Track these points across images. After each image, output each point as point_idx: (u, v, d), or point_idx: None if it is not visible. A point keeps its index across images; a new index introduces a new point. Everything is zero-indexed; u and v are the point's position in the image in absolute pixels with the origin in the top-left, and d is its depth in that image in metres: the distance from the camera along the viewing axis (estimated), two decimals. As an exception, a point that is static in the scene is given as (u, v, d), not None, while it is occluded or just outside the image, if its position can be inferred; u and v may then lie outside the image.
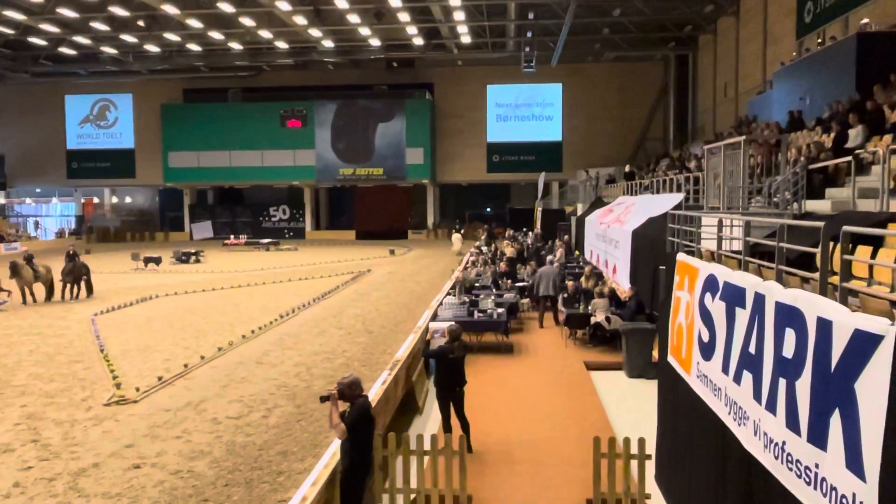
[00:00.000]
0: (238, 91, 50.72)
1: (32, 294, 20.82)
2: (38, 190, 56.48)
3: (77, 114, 52.87)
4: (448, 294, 16.13)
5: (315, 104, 48.65)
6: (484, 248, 29.13)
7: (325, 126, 48.71)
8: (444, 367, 8.79)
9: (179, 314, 18.79)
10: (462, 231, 45.68)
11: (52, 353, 14.23)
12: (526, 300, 17.66)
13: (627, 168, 30.47)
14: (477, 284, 18.31)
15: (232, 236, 45.76)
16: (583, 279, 16.74)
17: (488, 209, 54.12)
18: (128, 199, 56.64)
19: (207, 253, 36.68)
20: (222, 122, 49.08)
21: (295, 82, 50.11)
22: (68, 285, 21.15)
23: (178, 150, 49.58)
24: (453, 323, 9.60)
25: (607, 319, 13.40)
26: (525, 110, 49.57)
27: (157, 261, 31.16)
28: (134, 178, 52.72)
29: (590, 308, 13.99)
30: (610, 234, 18.86)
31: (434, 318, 13.79)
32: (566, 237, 28.16)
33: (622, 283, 16.43)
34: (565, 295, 15.64)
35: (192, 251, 34.64)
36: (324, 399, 6.05)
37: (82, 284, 21.53)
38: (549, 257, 24.47)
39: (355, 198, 54.41)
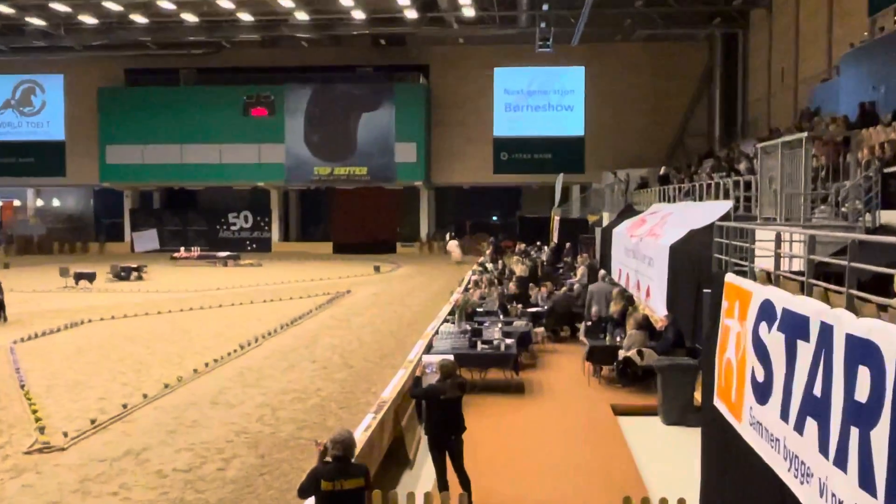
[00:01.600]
0: (192, 72, 50.93)
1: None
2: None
3: (-5, 98, 53.04)
4: (445, 321, 16.14)
5: (285, 89, 48.90)
6: (489, 266, 29.19)
7: (298, 115, 48.92)
8: (435, 409, 8.79)
9: (117, 343, 18.74)
10: (457, 238, 46.00)
11: (-39, 389, 14.19)
12: (540, 329, 17.67)
13: (663, 170, 30.58)
14: (480, 309, 18.31)
15: (182, 248, 45.69)
16: (612, 304, 16.75)
17: (494, 218, 54.24)
18: (56, 202, 56.68)
19: (152, 268, 36.71)
20: (172, 110, 49.26)
21: (261, 63, 50.35)
22: None
23: (117, 144, 49.69)
24: (447, 357, 9.60)
25: (639, 353, 13.40)
26: (540, 99, 49.83)
27: (91, 277, 31.12)
28: (64, 177, 52.81)
29: (623, 341, 13.99)
30: (642, 250, 18.89)
31: (428, 349, 13.79)
32: (584, 255, 28.21)
33: (657, 309, 16.43)
34: (588, 323, 15.65)
35: (134, 266, 34.65)
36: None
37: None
38: (571, 281, 24.50)
39: (333, 203, 54.48)
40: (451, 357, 10.72)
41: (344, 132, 48.69)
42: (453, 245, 44.55)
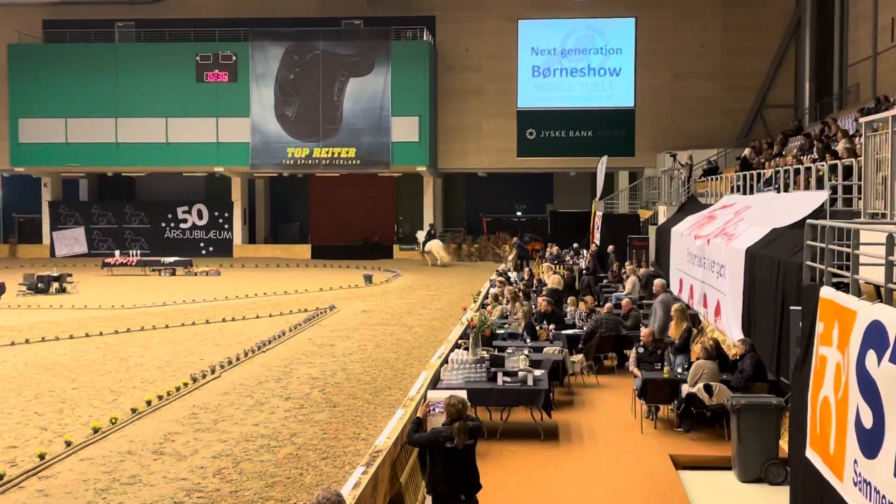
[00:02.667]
0: (130, 26, 51.17)
1: None
2: None
3: None
4: (457, 346, 16.14)
5: (251, 47, 49.11)
6: (512, 275, 29.16)
7: (267, 81, 49.10)
8: (441, 461, 8.80)
9: (32, 374, 18.78)
10: (435, 234, 46.79)
11: None
12: (579, 357, 17.65)
13: (748, 152, 30.50)
14: (501, 331, 18.29)
15: (117, 252, 45.80)
16: (671, 325, 16.71)
17: (518, 213, 54.30)
18: (-45, 193, 57.03)
19: (78, 278, 36.80)
20: (104, 74, 49.48)
21: (219, 13, 50.54)
22: None
23: (33, 117, 49.90)
24: (455, 394, 9.61)
25: (707, 389, 13.38)
26: (577, 59, 49.88)
27: None
28: (-35, 160, 53.14)
29: (687, 373, 13.95)
30: (710, 255, 18.87)
31: (434, 384, 13.79)
32: (632, 263, 28.15)
33: (730, 332, 16.39)
34: (640, 350, 15.64)
35: (55, 275, 34.73)
36: None
37: None
38: (618, 295, 24.53)
39: (312, 194, 54.62)
40: (463, 394, 10.71)
41: (326, 103, 48.82)
42: (437, 246, 45.22)
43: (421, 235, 47.78)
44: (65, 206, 53.10)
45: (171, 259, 43.32)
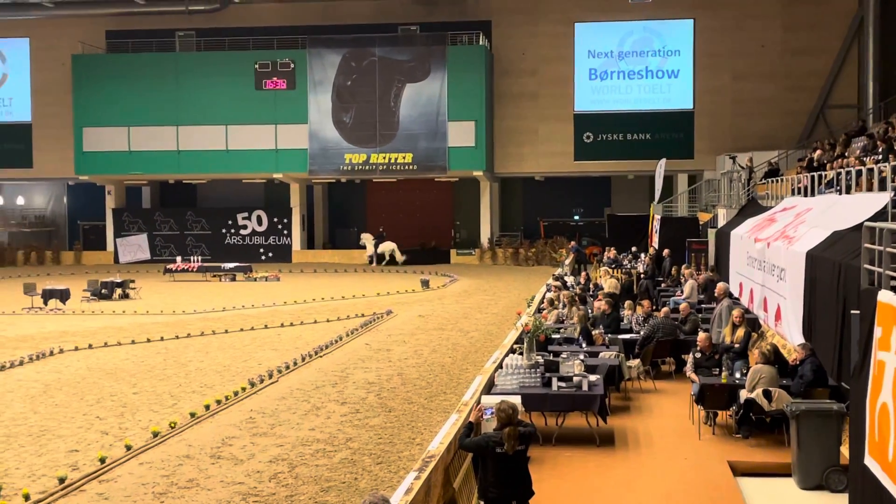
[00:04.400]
0: (190, 35, 51.86)
1: None
2: None
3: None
4: (511, 351, 16.09)
5: (309, 55, 49.46)
6: (568, 279, 29.03)
7: (324, 88, 49.42)
8: (492, 466, 8.76)
9: (95, 379, 19.10)
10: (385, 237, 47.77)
11: None
12: (635, 362, 17.50)
13: (801, 154, 30.09)
14: (557, 336, 18.21)
15: (179, 259, 46.20)
16: (726, 330, 16.52)
17: (576, 216, 54.03)
18: (20, 201, 58.23)
19: (141, 283, 37.29)
20: (165, 83, 50.18)
21: (277, 21, 51.08)
22: None
23: (97, 126, 50.73)
24: (507, 399, 9.57)
25: (766, 395, 13.19)
26: (635, 62, 49.54)
27: (64, 295, 31.79)
28: (30, 168, 54.17)
29: (746, 379, 13.78)
30: (770, 258, 18.63)
31: (489, 388, 13.76)
32: (690, 267, 27.85)
33: (790, 337, 16.16)
34: (698, 355, 15.47)
35: (118, 281, 35.27)
36: None
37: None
38: (676, 299, 24.30)
39: (370, 199, 54.87)
40: (518, 399, 10.67)
41: (383, 110, 49.02)
42: (391, 246, 46.76)
43: (368, 239, 47.94)
44: (128, 213, 53.86)
45: (231, 265, 43.68)
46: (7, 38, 53.79)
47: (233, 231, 52.54)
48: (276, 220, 52.50)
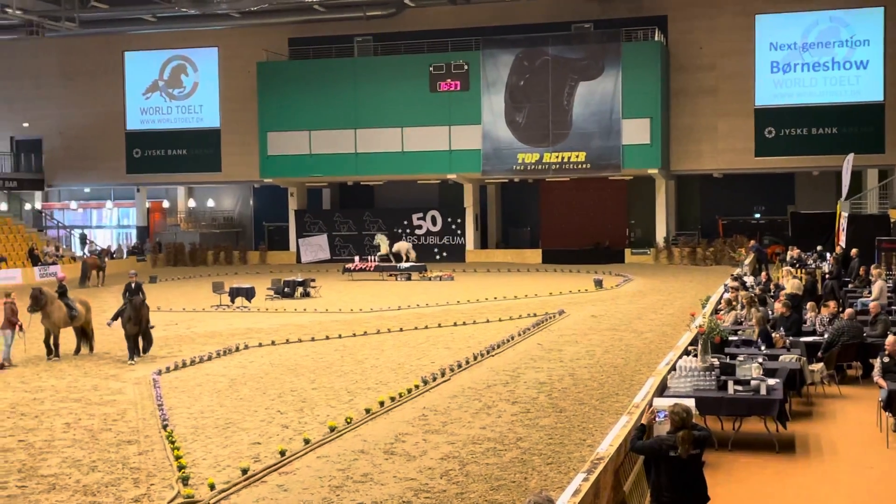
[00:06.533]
0: (368, 40, 53.02)
1: (56, 344, 22.21)
2: (86, 189, 62.06)
3: (141, 79, 57.64)
4: (686, 353, 15.71)
5: (482, 55, 49.77)
6: (748, 279, 28.17)
7: (497, 88, 49.61)
8: (665, 471, 8.55)
9: (277, 375, 19.70)
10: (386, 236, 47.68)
11: (96, 428, 15.39)
12: (819, 365, 16.79)
13: None
14: (734, 338, 17.67)
15: (357, 258, 47.08)
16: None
17: (757, 214, 52.49)
18: (210, 203, 60.94)
19: (321, 282, 38.27)
20: (344, 87, 51.47)
21: (451, 24, 51.57)
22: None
23: (281, 130, 52.48)
24: (681, 402, 9.33)
25: (961, 402, 12.43)
26: (820, 53, 47.76)
27: (249, 294, 33.03)
28: (219, 172, 56.58)
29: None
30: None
31: (661, 391, 13.47)
32: (880, 267, 26.53)
33: None
34: (885, 359, 14.71)
35: (300, 280, 36.34)
36: None
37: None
38: (864, 300, 23.23)
39: (543, 199, 54.78)
40: (691, 402, 10.41)
41: (556, 108, 48.84)
42: (406, 246, 46.00)
43: (383, 240, 47.07)
44: (309, 214, 55.51)
45: (407, 264, 44.34)
46: (198, 47, 56.37)
47: (408, 231, 53.31)
48: (449, 220, 53.07)
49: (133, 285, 23.03)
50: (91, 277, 42.22)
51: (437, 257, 52.26)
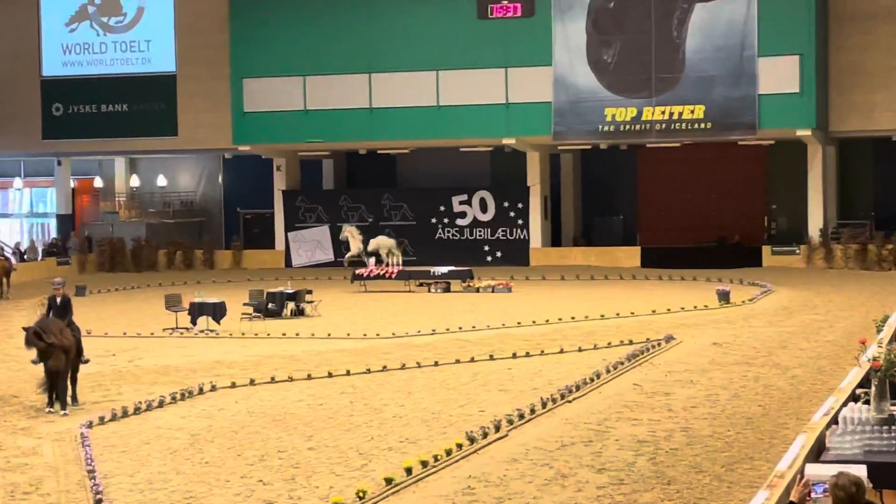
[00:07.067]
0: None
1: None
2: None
3: (63, 3, 57.68)
4: (854, 398, 15.57)
5: (552, -35, 49.68)
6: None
7: (576, 14, 49.50)
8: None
9: (258, 428, 19.67)
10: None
11: None
12: None
13: None
14: (924, 377, 17.49)
15: (372, 260, 46.90)
16: None
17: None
18: (161, 181, 61.09)
19: (321, 295, 38.22)
20: (355, 14, 51.46)
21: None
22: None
23: (261, 76, 52.62)
24: (846, 472, 9.24)
25: None
26: None
27: (217, 312, 32.97)
28: (174, 137, 56.62)
29: None
30: None
31: (817, 454, 13.37)
32: None
33: None
34: None
35: (290, 291, 36.39)
36: None
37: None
38: None
39: (641, 174, 54.52)
40: (861, 470, 10.31)
41: (661, 42, 48.63)
42: (390, 243, 46.10)
43: (353, 233, 46.83)
44: (304, 197, 55.64)
45: (445, 269, 44.19)
46: (143, -43, 56.59)
47: (446, 221, 53.38)
48: (506, 204, 52.96)
49: (59, 300, 22.98)
50: None
51: (489, 258, 52.29)
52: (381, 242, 45.70)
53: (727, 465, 16.63)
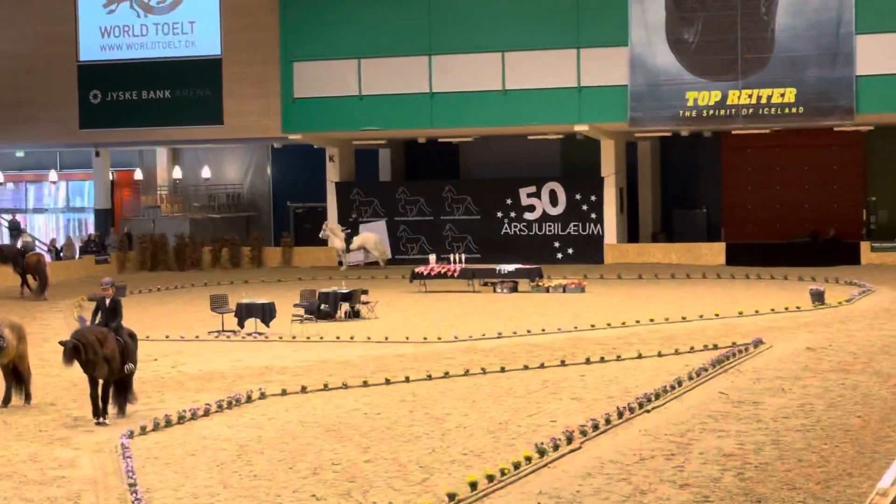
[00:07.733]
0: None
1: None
2: (18, 154, 63.12)
3: (103, -14, 58.37)
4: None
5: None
6: None
7: (653, -10, 49.36)
8: None
9: (310, 439, 19.67)
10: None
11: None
12: None
13: None
14: None
15: (432, 257, 46.92)
16: None
17: None
18: (206, 173, 61.51)
19: (377, 295, 38.37)
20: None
21: None
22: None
23: (313, 59, 52.83)
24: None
25: None
26: None
27: (266, 313, 33.08)
28: (220, 126, 56.91)
29: None
30: None
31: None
32: None
33: None
34: None
35: (344, 291, 36.49)
36: None
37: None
38: None
39: (727, 163, 54.35)
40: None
41: (747, 19, 48.40)
42: (373, 240, 47.58)
43: (336, 231, 46.82)
44: (358, 189, 55.78)
45: (511, 267, 44.18)
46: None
47: (513, 215, 53.41)
48: (578, 196, 52.91)
49: (107, 302, 22.90)
50: (30, 286, 42.85)
51: (559, 255, 52.31)
52: (366, 239, 45.97)
53: (823, 482, 16.41)
